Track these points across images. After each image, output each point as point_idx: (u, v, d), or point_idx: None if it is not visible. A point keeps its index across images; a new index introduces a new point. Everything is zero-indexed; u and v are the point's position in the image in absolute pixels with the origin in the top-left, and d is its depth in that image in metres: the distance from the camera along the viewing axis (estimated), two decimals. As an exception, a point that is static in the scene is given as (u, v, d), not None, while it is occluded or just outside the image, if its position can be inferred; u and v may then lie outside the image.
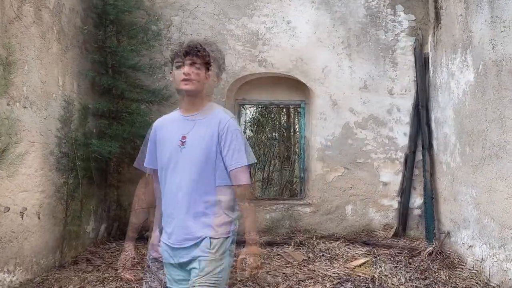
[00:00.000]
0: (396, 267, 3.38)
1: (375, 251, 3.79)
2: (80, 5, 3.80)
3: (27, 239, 3.00)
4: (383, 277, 3.17)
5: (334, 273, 3.26)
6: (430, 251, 3.62)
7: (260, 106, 6.52)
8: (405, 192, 4.37)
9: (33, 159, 3.07)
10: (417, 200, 4.42)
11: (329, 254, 3.73)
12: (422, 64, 4.39)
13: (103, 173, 4.08)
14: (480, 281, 3.08)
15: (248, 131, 7.00)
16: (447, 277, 3.16)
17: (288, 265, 3.52)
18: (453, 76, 3.75)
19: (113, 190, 4.21)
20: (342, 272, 3.29)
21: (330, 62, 4.54)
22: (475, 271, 3.23)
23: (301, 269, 3.41)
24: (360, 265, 3.45)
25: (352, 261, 3.56)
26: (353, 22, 4.54)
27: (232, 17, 4.54)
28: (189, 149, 1.62)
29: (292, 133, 7.72)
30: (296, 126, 8.08)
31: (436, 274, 3.23)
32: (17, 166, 2.84)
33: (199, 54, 1.63)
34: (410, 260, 3.54)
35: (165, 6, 4.48)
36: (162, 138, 1.71)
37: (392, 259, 3.57)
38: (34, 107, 3.08)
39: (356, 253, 3.77)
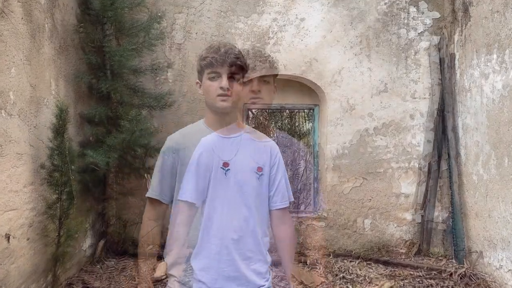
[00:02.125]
0: (426, 292, 3.03)
1: (400, 272, 3.44)
2: (75, 1, 3.46)
3: (14, 264, 2.66)
4: (413, 305, 2.82)
5: (358, 301, 2.92)
6: (462, 273, 3.26)
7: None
8: (429, 205, 4.02)
9: (21, 173, 2.73)
10: (442, 214, 4.06)
11: (349, 276, 3.38)
12: (448, 65, 4.03)
13: (101, 185, 3.75)
14: (524, 311, 2.73)
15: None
16: (485, 306, 2.81)
17: (305, 288, 3.17)
18: (486, 79, 3.39)
19: (112, 203, 3.87)
20: (367, 299, 2.94)
21: (347, 63, 4.19)
22: (517, 299, 2.88)
23: (320, 294, 3.06)
24: (385, 290, 3.10)
25: (376, 284, 3.20)
26: (372, 20, 4.18)
27: (241, 15, 4.20)
28: (236, 179, 1.33)
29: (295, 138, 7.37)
30: (298, 129, 7.74)
31: (473, 302, 2.88)
32: (3, 183, 2.50)
33: (240, 64, 1.36)
34: (441, 284, 3.18)
35: (168, 3, 4.14)
36: (191, 162, 1.36)
37: (420, 283, 3.22)
38: (23, 115, 2.74)
39: (379, 275, 3.42)
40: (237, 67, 1.34)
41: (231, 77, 1.34)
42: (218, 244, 1.31)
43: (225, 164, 1.33)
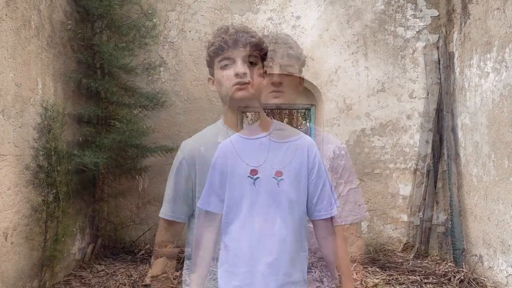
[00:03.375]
0: (424, 298, 2.95)
1: (397, 276, 3.35)
2: (64, -3, 3.37)
3: (-3, 269, 2.57)
4: (411, 311, 2.73)
5: (354, 306, 2.82)
6: (461, 277, 3.18)
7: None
8: (427, 207, 3.93)
9: (5, 175, 2.63)
10: (440, 216, 3.98)
11: (346, 280, 3.28)
12: (446, 64, 3.96)
13: (91, 186, 3.65)
14: (525, 317, 2.64)
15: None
16: (485, 312, 2.73)
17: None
18: (486, 78, 3.31)
19: (102, 205, 3.77)
20: (363, 305, 2.85)
21: (344, 62, 4.10)
22: (518, 305, 2.80)
23: (315, 299, 2.96)
24: (382, 295, 3.02)
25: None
26: (369, 18, 4.10)
27: (236, 12, 4.11)
28: (268, 189, 1.08)
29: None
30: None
31: (473, 307, 2.79)
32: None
33: (256, 43, 1.11)
34: (440, 289, 3.10)
35: (161, 0, 4.04)
36: (231, 169, 1.12)
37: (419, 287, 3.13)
38: (6, 114, 2.64)
39: (376, 279, 3.33)
40: (254, 48, 1.10)
41: (247, 61, 1.10)
42: (247, 271, 1.07)
43: (253, 172, 1.07)
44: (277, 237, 1.06)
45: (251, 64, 1.11)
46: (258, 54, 1.12)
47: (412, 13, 4.09)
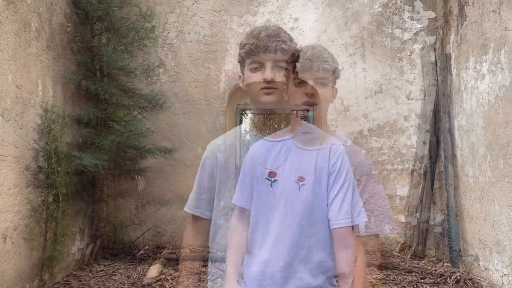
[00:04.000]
0: (421, 297, 2.97)
1: (394, 276, 3.38)
2: (64, 0, 3.40)
3: (-3, 269, 2.59)
4: (407, 311, 2.76)
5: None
6: (457, 277, 3.21)
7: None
8: (424, 208, 3.96)
9: (6, 176, 2.66)
10: (437, 216, 4.01)
11: (343, 280, 3.31)
12: (443, 66, 3.99)
13: (91, 187, 3.68)
14: (520, 317, 2.67)
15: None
16: (481, 312, 2.75)
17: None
18: (482, 79, 3.34)
19: (102, 205, 3.80)
20: (360, 305, 2.87)
21: (342, 64, 4.12)
22: (513, 304, 2.82)
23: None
24: (379, 295, 3.04)
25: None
26: (367, 21, 4.13)
27: (234, 14, 4.14)
28: (285, 192, 1.06)
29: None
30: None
31: (468, 307, 2.82)
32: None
33: (286, 49, 1.14)
34: (436, 289, 3.13)
35: (160, 2, 4.08)
36: (253, 170, 1.13)
37: (415, 287, 3.16)
38: (7, 115, 2.67)
39: (374, 278, 3.35)
40: (284, 54, 1.12)
41: (276, 66, 1.12)
42: (261, 272, 1.06)
43: (271, 174, 1.06)
44: (290, 241, 1.04)
45: (280, 68, 1.13)
46: (289, 59, 1.14)
47: (409, 15, 4.12)
